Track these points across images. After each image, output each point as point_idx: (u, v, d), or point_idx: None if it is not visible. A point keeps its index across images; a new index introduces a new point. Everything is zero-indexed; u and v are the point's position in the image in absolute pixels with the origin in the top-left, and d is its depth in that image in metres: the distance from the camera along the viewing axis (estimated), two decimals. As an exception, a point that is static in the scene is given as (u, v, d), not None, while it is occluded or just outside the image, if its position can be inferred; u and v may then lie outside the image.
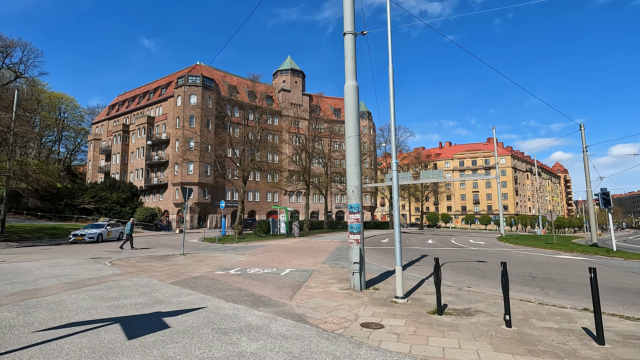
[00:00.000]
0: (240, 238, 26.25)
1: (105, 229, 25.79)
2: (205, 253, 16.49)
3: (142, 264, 12.01)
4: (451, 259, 15.03)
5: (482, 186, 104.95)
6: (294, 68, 70.28)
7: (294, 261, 13.21)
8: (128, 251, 17.94)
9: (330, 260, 13.68)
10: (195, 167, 50.97)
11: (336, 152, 52.59)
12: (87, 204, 43.31)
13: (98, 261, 12.51)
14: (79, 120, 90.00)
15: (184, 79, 53.86)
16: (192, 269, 10.85)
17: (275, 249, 18.44)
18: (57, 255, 15.09)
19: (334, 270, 10.85)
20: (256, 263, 12.59)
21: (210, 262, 12.89)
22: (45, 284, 8.09)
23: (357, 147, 8.21)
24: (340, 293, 7.44)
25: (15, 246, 21.03)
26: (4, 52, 42.23)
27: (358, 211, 8.00)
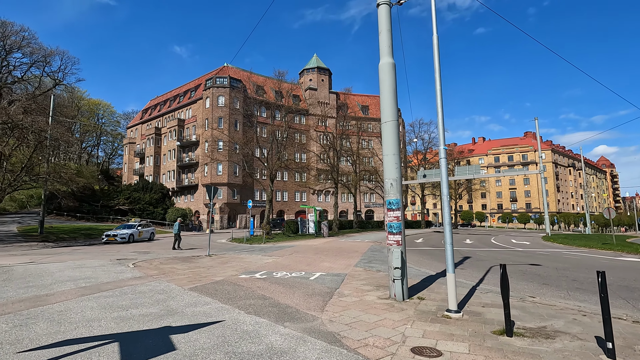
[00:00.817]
0: (269, 238, 25.64)
1: (136, 230, 26.00)
2: (231, 254, 15.87)
3: (165, 265, 11.47)
4: (498, 262, 13.49)
5: (519, 183, 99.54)
6: (320, 66, 69.47)
7: (324, 263, 12.23)
8: (155, 252, 17.69)
9: (364, 262, 12.58)
10: (224, 168, 51.29)
11: (365, 150, 51.19)
12: (122, 205, 44.55)
13: (122, 263, 12.12)
14: (115, 125, 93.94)
15: (212, 80, 54.39)
16: (215, 272, 10.13)
17: (304, 250, 17.55)
18: (86, 256, 14.96)
19: (368, 275, 9.76)
20: (283, 265, 11.72)
21: (236, 264, 12.16)
22: (59, 288, 7.57)
23: (395, 134, 7.10)
24: (380, 304, 6.36)
25: (51, 246, 21.47)
26: (44, 61, 44.24)
27: (398, 207, 6.89)
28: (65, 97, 77.25)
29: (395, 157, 7.02)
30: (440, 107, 6.23)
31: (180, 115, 61.55)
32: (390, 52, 7.32)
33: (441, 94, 6.26)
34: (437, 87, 6.29)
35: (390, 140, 7.08)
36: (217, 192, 15.33)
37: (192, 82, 67.65)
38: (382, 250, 17.38)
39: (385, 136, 7.15)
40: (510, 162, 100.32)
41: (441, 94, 6.26)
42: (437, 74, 6.34)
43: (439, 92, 6.27)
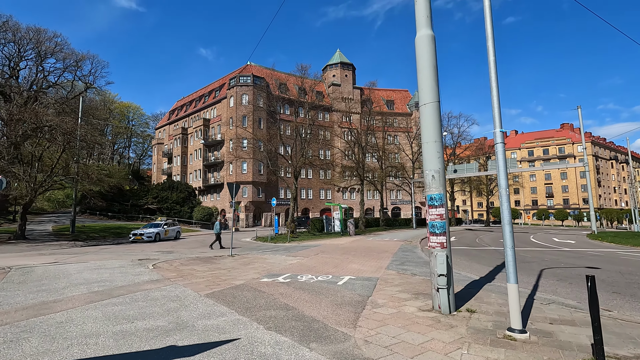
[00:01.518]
0: (293, 237, 24.98)
1: (162, 229, 26.05)
2: (254, 254, 15.24)
3: (185, 267, 10.92)
4: (547, 264, 12.08)
5: (556, 177, 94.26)
6: (343, 61, 68.31)
7: (353, 265, 11.30)
8: (179, 251, 17.38)
9: (396, 264, 11.55)
10: (248, 166, 51.29)
11: (390, 145, 49.66)
12: (150, 204, 45.40)
13: (143, 264, 11.70)
14: (144, 127, 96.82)
15: (236, 79, 54.51)
16: (235, 275, 9.44)
17: (330, 250, 16.69)
18: (110, 256, 14.77)
19: (403, 279, 8.75)
20: (309, 267, 10.89)
21: (258, 265, 11.46)
22: (70, 293, 7.07)
23: (436, 118, 6.07)
24: (422, 317, 5.37)
25: (80, 245, 21.74)
26: (75, 65, 45.63)
27: (441, 204, 5.86)
28: (97, 100, 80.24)
29: (437, 144, 5.99)
30: (495, 80, 5.14)
31: (205, 115, 62.23)
32: (428, 23, 6.28)
33: (495, 65, 5.17)
34: (490, 57, 5.20)
35: (430, 125, 6.05)
36: (238, 189, 14.72)
37: (217, 81, 68.28)
38: (414, 251, 16.23)
39: (424, 121, 6.13)
40: (546, 155, 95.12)
41: (495, 65, 5.17)
42: (489, 41, 5.25)
43: (492, 62, 5.17)
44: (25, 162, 21.25)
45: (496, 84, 5.12)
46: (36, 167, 21.57)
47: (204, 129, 59.21)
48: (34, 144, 21.39)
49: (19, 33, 41.54)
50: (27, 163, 21.39)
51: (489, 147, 77.18)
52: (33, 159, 21.42)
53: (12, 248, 19.19)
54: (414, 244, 19.69)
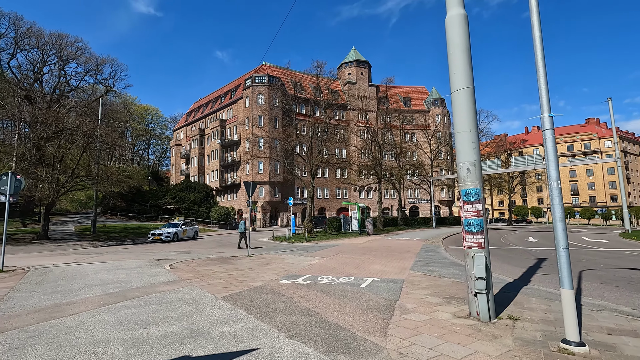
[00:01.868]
0: (311, 237, 24.60)
1: (180, 229, 26.13)
2: (272, 254, 14.91)
3: (202, 267, 10.66)
4: (584, 265, 11.25)
5: (581, 174, 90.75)
6: (359, 59, 67.59)
7: (375, 266, 10.79)
8: (196, 251, 17.24)
9: (420, 265, 10.96)
10: (265, 166, 51.27)
11: (408, 143, 48.64)
12: (168, 204, 45.95)
13: (160, 264, 11.51)
14: (162, 129, 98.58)
15: (251, 79, 54.63)
16: (253, 276, 9.08)
17: (349, 250, 16.20)
18: (128, 256, 14.73)
19: (430, 282, 8.19)
20: (329, 268, 10.45)
21: (276, 265, 11.10)
22: (84, 295, 6.85)
23: (471, 104, 5.51)
24: (459, 325, 4.84)
25: (101, 245, 21.99)
26: (96, 69, 46.62)
27: (478, 199, 5.31)
28: (117, 103, 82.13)
29: (472, 134, 5.44)
30: (541, 59, 4.55)
31: (221, 116, 62.66)
32: (460, 1, 5.73)
33: (541, 42, 4.58)
34: (535, 32, 4.61)
35: (464, 113, 5.50)
36: (254, 188, 14.41)
37: (233, 82, 68.69)
38: (437, 251, 15.55)
39: (457, 108, 5.58)
40: (570, 152, 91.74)
41: (541, 42, 4.58)
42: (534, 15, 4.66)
43: (537, 38, 4.58)
44: (48, 164, 21.61)
45: (543, 63, 4.54)
46: (58, 168, 21.91)
47: (221, 130, 59.62)
48: (56, 145, 21.73)
49: (43, 39, 42.72)
50: (49, 165, 21.75)
51: (509, 144, 74.79)
52: (55, 160, 21.77)
53: (35, 248, 19.52)
54: (436, 244, 18.96)
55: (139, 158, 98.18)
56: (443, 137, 61.15)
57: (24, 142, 22.51)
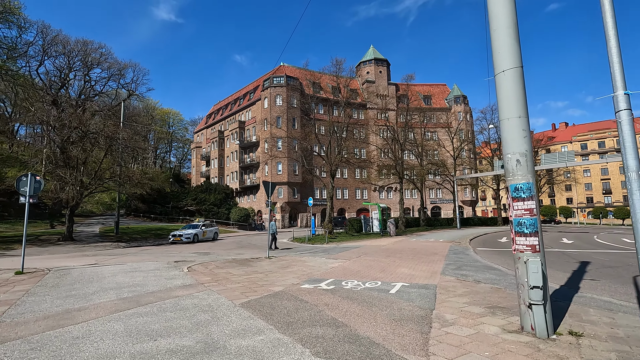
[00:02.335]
0: (331, 238, 24.02)
1: (200, 230, 26.07)
2: (292, 256, 14.42)
3: (220, 270, 10.26)
4: (635, 268, 10.17)
5: (614, 172, 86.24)
6: (377, 57, 66.65)
7: (402, 269, 10.10)
8: (216, 253, 16.97)
9: (452, 269, 10.19)
10: (284, 167, 51.11)
11: (430, 142, 47.31)
12: (189, 206, 46.40)
13: (178, 266, 11.21)
14: (183, 132, 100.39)
15: (269, 80, 54.65)
16: (273, 280, 8.59)
17: (373, 252, 15.52)
18: (147, 257, 14.58)
19: (466, 288, 7.46)
20: (353, 271, 9.84)
21: (297, 268, 10.58)
22: (97, 299, 6.52)
23: (519, 87, 4.81)
24: (513, 342, 4.15)
25: (123, 246, 22.13)
26: (119, 74, 47.69)
27: (530, 196, 4.60)
28: (140, 107, 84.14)
29: (521, 121, 4.73)
30: (613, 27, 3.82)
31: (240, 118, 63.02)
32: (505, -29, 5.03)
33: (612, 8, 3.84)
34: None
35: (512, 96, 4.80)
36: (273, 188, 13.96)
37: (251, 84, 69.07)
38: (467, 253, 14.66)
39: (503, 92, 4.89)
40: (602, 149, 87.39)
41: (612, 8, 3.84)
42: (601, -22, 3.93)
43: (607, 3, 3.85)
44: (72, 166, 21.94)
45: (614, 32, 3.81)
46: (82, 171, 22.22)
47: (240, 131, 59.93)
48: (79, 148, 22.05)
49: (69, 46, 44.02)
50: (73, 167, 22.08)
51: (535, 142, 71.53)
52: (78, 163, 22.09)
53: (59, 249, 19.79)
54: (464, 245, 18.02)
55: (161, 161, 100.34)
56: (466, 135, 59.35)
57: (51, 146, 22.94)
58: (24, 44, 39.14)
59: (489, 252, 15.45)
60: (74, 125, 21.20)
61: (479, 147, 68.49)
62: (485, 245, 19.27)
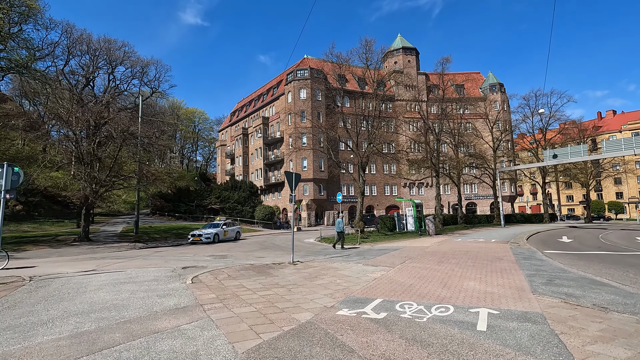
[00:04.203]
0: (363, 238, 21.54)
1: (221, 229, 24.34)
2: (321, 260, 12.10)
3: (231, 282, 8.08)
4: None
5: (671, 163, 78.04)
6: (405, 46, 63.14)
7: (469, 283, 7.53)
8: (234, 255, 14.93)
9: (541, 283, 7.49)
10: (309, 163, 49.00)
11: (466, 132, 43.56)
12: (213, 204, 45.22)
13: (183, 275, 9.17)
14: (209, 131, 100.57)
15: (293, 74, 52.66)
16: (298, 299, 6.30)
17: (418, 255, 12.93)
18: (156, 262, 12.73)
19: (593, 318, 4.82)
20: (404, 286, 7.38)
21: (329, 280, 8.25)
22: (43, 335, 4.44)
23: None
24: None
25: (139, 247, 20.67)
26: (141, 71, 47.22)
27: None
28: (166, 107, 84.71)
29: None
30: None
31: (264, 114, 61.50)
32: None
33: None
34: None
35: None
36: (298, 180, 11.69)
37: (274, 79, 67.44)
38: (538, 257, 11.75)
39: None
40: (655, 137, 79.20)
41: None
42: None
43: None
44: (85, 163, 20.66)
45: None
46: (96, 167, 20.91)
47: (264, 128, 58.39)
48: (92, 142, 20.74)
49: (93, 45, 43.83)
50: (87, 163, 20.80)
51: (580, 132, 65.22)
52: (92, 158, 20.79)
53: (71, 250, 18.48)
54: (527, 247, 15.04)
55: (187, 160, 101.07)
56: (503, 126, 54.86)
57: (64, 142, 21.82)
58: (49, 44, 39.09)
59: (566, 257, 12.47)
60: (86, 119, 19.87)
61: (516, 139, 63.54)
62: (550, 247, 16.16)
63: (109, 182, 21.48)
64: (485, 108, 51.57)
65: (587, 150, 29.45)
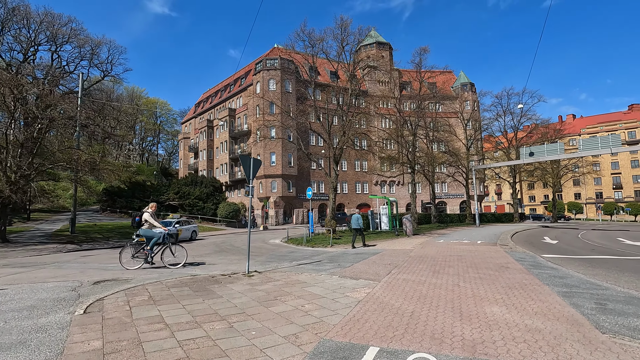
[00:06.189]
0: (335, 238, 19.22)
1: (173, 228, 21.10)
2: (286, 269, 9.57)
3: (145, 312, 5.39)
4: None
5: (625, 166, 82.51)
6: (379, 41, 61.65)
7: (491, 308, 5.31)
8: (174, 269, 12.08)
9: (594, 310, 5.37)
10: (277, 158, 46.19)
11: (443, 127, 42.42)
12: (172, 200, 41.34)
13: (83, 297, 6.36)
14: (172, 123, 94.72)
15: (262, 63, 49.62)
16: (240, 352, 3.76)
17: (404, 262, 10.72)
18: (67, 272, 9.70)
19: None
20: (402, 315, 5.02)
21: (293, 304, 5.76)
22: None
23: None
24: None
25: (67, 250, 17.17)
26: (92, 52, 42.27)
27: None
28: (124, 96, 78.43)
29: None
30: None
31: (231, 105, 57.86)
32: None
33: None
34: None
35: None
36: (257, 166, 9.10)
37: (242, 69, 63.80)
38: (543, 263, 9.86)
39: None
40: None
41: None
42: None
43: None
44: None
45: None
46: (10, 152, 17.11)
47: (230, 120, 54.83)
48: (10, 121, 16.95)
49: (31, 17, 38.48)
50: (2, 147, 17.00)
51: (555, 132, 65.60)
52: (8, 142, 17.00)
53: (-27, 255, 14.79)
54: (519, 249, 13.28)
55: (148, 154, 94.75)
56: (473, 126, 54.67)
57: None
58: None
59: (574, 263, 10.73)
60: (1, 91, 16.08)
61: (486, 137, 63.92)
62: (543, 250, 14.58)
63: (30, 171, 17.71)
64: (460, 105, 51.04)
65: (564, 148, 28.83)
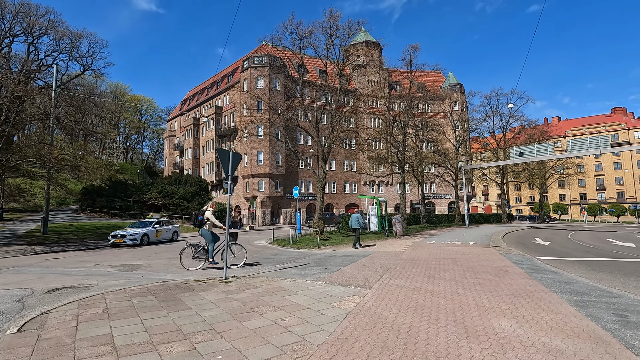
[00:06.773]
0: (323, 239, 18.46)
1: (152, 229, 20.05)
2: (268, 274, 8.75)
3: (91, 331, 4.53)
4: None
5: (608, 168, 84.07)
6: (368, 40, 61.19)
7: (500, 321, 4.62)
8: (152, 264, 11.11)
9: (615, 324, 4.72)
10: (265, 157, 45.22)
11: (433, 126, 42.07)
12: (155, 199, 39.95)
13: (27, 309, 5.47)
14: (157, 121, 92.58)
15: (250, 60, 48.54)
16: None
17: (395, 265, 10.03)
18: (26, 277, 8.70)
19: None
20: (398, 332, 4.28)
21: (272, 318, 4.97)
22: None
23: None
24: None
25: (35, 252, 15.97)
26: (71, 45, 40.54)
27: None
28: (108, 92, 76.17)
29: None
30: None
31: (218, 103, 56.59)
32: None
33: None
34: None
35: None
36: (237, 161, 8.27)
37: (230, 66, 62.60)
38: (545, 267, 9.28)
39: None
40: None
41: None
42: None
43: None
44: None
45: None
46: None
47: (217, 118, 53.60)
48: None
49: (7, 8, 36.66)
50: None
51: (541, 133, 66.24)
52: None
53: None
54: (514, 251, 12.75)
55: (132, 152, 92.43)
56: (462, 126, 54.71)
57: None
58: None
59: (574, 266, 10.21)
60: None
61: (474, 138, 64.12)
62: (537, 251, 14.10)
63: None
64: (449, 106, 51.00)
65: (553, 148, 28.73)
